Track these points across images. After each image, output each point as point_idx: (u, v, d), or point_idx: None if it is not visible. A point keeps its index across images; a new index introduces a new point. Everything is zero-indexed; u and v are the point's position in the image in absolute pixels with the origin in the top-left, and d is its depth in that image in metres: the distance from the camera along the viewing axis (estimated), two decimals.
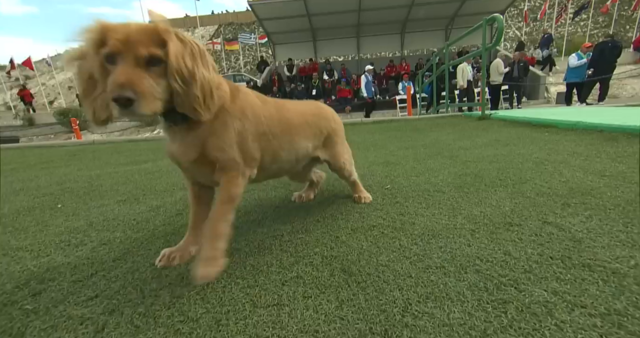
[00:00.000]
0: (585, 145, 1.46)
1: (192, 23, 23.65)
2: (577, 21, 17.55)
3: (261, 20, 10.73)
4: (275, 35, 11.86)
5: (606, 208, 0.74)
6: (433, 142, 1.97)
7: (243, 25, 21.87)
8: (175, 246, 0.65)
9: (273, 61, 12.81)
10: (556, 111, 2.69)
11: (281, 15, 10.45)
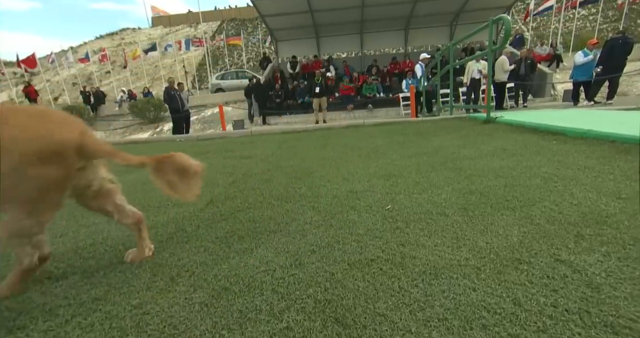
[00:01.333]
0: (596, 157, 1.39)
1: (195, 19, 23.56)
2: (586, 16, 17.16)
3: (264, 17, 10.60)
4: (278, 32, 11.73)
5: (625, 244, 0.69)
6: (437, 149, 1.91)
7: (246, 21, 21.73)
8: None
9: (275, 58, 12.70)
10: (564, 115, 2.60)
11: (284, 12, 10.31)
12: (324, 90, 8.94)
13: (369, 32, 12.02)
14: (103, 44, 25.21)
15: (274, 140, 2.87)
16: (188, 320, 0.55)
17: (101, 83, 21.69)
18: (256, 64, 20.56)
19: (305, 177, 1.51)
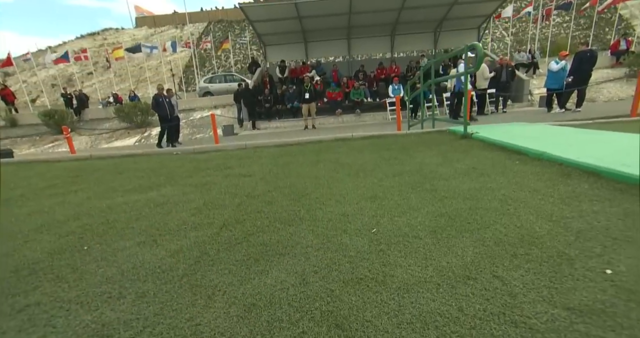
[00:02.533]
0: (545, 180, 1.68)
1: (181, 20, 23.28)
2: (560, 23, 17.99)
3: (252, 22, 10.73)
4: (266, 37, 11.88)
5: (542, 261, 0.95)
6: (418, 168, 2.17)
7: (233, 23, 21.65)
8: None
9: (264, 62, 12.82)
10: (531, 132, 2.92)
11: (272, 18, 10.48)
12: (313, 97, 9.15)
13: (356, 38, 12.32)
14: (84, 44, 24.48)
15: (269, 155, 3.07)
16: (230, 329, 0.77)
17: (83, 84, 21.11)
18: (244, 66, 20.54)
19: (302, 198, 1.73)
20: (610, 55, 11.38)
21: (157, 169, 2.81)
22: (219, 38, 21.25)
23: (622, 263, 0.90)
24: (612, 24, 15.87)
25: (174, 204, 1.78)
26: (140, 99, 13.80)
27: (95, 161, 3.58)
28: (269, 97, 10.42)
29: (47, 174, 2.91)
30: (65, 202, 1.98)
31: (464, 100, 3.15)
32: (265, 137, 7.93)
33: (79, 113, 13.85)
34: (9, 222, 1.68)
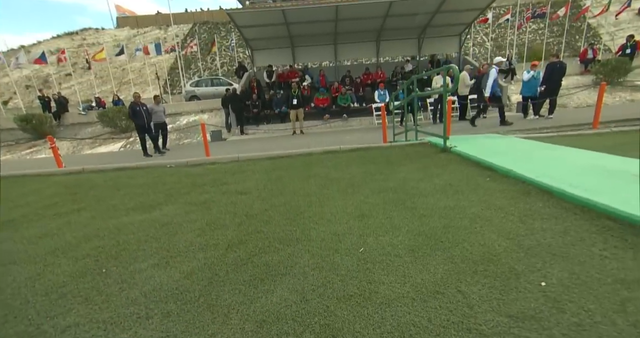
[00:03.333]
0: (509, 198, 1.93)
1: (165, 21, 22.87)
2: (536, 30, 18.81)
3: (239, 27, 10.80)
4: (254, 42, 11.95)
5: (496, 276, 1.18)
6: (401, 184, 2.40)
7: (219, 25, 21.49)
8: None
9: (251, 67, 12.87)
10: (502, 147, 3.21)
11: (259, 23, 10.58)
12: (301, 102, 9.32)
13: (342, 43, 12.56)
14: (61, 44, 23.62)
15: (262, 169, 3.24)
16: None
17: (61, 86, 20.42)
18: (230, 68, 20.44)
19: (297, 217, 1.92)
20: (579, 63, 12.09)
21: (154, 185, 2.93)
22: (205, 40, 21.05)
23: (555, 277, 1.14)
24: (581, 32, 16.81)
25: (178, 225, 1.93)
26: (124, 103, 13.55)
27: (89, 175, 3.64)
28: (257, 102, 10.52)
29: (44, 191, 2.97)
30: (71, 223, 2.09)
31: (444, 117, 3.41)
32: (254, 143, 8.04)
33: (58, 117, 13.42)
34: (22, 245, 1.79)
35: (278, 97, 10.36)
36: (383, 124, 5.56)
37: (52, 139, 5.96)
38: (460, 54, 12.97)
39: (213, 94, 13.28)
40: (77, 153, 11.10)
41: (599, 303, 0.99)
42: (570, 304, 1.00)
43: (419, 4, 10.34)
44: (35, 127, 12.38)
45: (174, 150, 8.73)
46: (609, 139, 3.50)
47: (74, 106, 15.04)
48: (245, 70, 12.79)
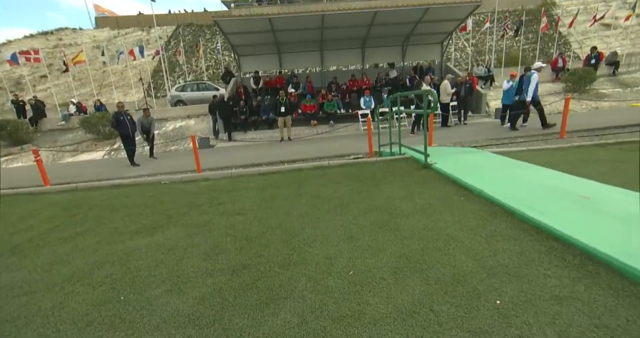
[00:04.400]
0: (479, 219, 2.21)
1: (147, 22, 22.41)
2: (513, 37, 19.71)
3: (226, 34, 10.87)
4: (240, 48, 12.03)
5: (462, 296, 1.43)
6: (385, 203, 2.65)
7: (204, 27, 21.29)
8: None
9: (238, 72, 12.93)
10: (478, 164, 3.52)
11: (246, 30, 10.69)
12: (288, 110, 9.51)
13: (328, 50, 12.82)
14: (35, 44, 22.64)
15: (255, 187, 3.43)
16: None
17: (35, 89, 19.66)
18: (216, 71, 20.32)
19: (292, 239, 2.13)
20: (551, 71, 12.84)
21: (152, 205, 3.06)
22: (189, 42, 20.81)
23: (507, 295, 1.40)
24: (554, 39, 17.76)
25: (183, 249, 2.10)
26: (107, 108, 13.24)
27: (84, 194, 3.70)
28: (244, 108, 10.62)
29: (42, 213, 3.04)
30: (79, 248, 2.22)
31: (425, 133, 3.69)
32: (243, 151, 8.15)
33: (35, 123, 12.92)
34: (37, 273, 1.91)
35: (266, 103, 10.50)
36: (369, 135, 5.83)
37: (37, 151, 5.90)
38: (442, 61, 13.48)
39: (199, 98, 13.24)
40: (58, 161, 10.80)
41: (537, 317, 1.26)
42: (516, 319, 1.26)
43: (403, 14, 10.74)
44: (10, 133, 11.96)
45: (161, 158, 8.73)
46: (570, 154, 3.88)
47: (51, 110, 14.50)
48: (232, 76, 12.83)
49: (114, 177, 6.06)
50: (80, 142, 12.51)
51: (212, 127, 10.98)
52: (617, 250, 1.54)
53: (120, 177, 6.09)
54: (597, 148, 4.08)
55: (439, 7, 10.17)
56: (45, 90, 19.43)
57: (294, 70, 13.09)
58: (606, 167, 3.22)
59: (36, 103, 13.08)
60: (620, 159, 3.46)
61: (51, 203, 3.39)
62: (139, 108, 14.06)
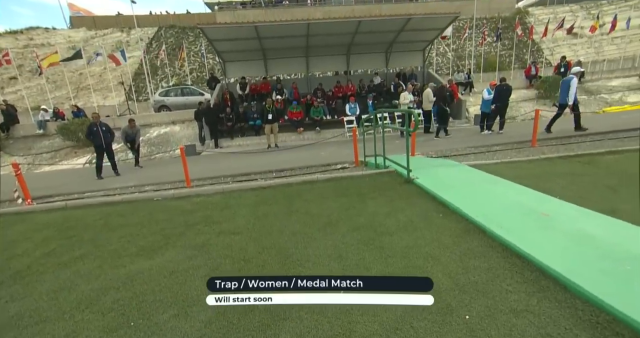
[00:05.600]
0: (455, 236, 2.47)
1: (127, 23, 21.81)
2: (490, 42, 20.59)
3: (211, 41, 10.86)
4: (226, 54, 12.03)
5: (437, 312, 1.66)
6: (370, 220, 2.87)
7: (187, 29, 20.96)
8: None
9: (224, 78, 12.90)
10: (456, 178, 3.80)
11: (232, 37, 10.73)
12: (275, 117, 9.63)
13: (314, 56, 13.00)
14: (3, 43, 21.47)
15: (248, 204, 3.58)
16: None
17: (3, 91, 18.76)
18: (200, 75, 20.09)
19: (286, 260, 2.31)
20: (525, 78, 13.58)
21: (148, 225, 3.15)
22: (172, 45, 20.44)
23: (475, 310, 1.65)
24: (528, 46, 18.72)
25: (185, 272, 2.24)
26: (86, 114, 12.83)
27: (75, 212, 3.72)
28: (230, 115, 10.65)
29: (34, 236, 3.07)
30: (81, 273, 2.31)
31: (407, 151, 3.95)
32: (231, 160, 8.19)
33: (6, 129, 12.31)
34: (44, 301, 2.00)
35: (253, 110, 10.58)
36: (354, 145, 6.06)
37: (17, 166, 5.75)
38: (424, 68, 13.96)
39: (184, 103, 13.12)
40: (34, 170, 10.40)
41: (497, 330, 1.51)
42: (481, 332, 1.50)
43: (386, 23, 11.10)
44: None
45: (147, 166, 8.65)
46: (538, 167, 4.25)
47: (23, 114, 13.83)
48: (217, 82, 12.79)
49: (99, 189, 6.01)
50: (58, 149, 12.08)
51: (198, 133, 10.95)
52: (563, 266, 1.82)
53: (106, 188, 6.05)
54: (561, 161, 4.48)
55: (420, 17, 10.57)
56: (15, 93, 18.53)
57: (279, 77, 13.21)
58: (566, 180, 3.59)
59: (7, 108, 12.47)
60: (578, 172, 3.84)
61: (42, 224, 3.41)
62: (120, 113, 13.78)
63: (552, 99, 12.47)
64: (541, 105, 12.41)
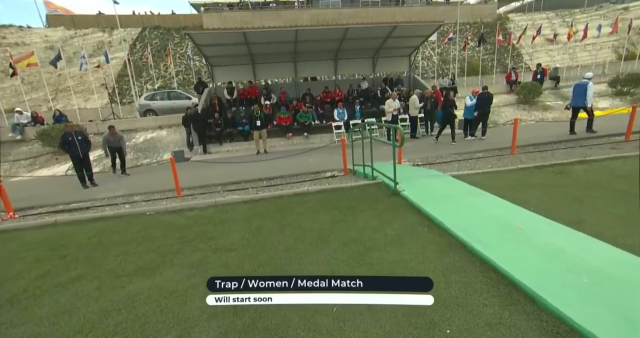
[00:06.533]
0: (438, 251, 2.66)
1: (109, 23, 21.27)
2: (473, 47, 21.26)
3: (199, 46, 10.81)
4: (214, 59, 11.98)
5: (422, 328, 1.83)
6: (360, 235, 3.03)
7: (172, 31, 20.63)
8: None
9: (212, 83, 12.83)
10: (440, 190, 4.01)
11: (219, 43, 10.72)
12: (264, 123, 9.69)
13: (302, 61, 13.11)
14: None
15: (241, 218, 3.68)
16: None
17: None
18: (186, 77, 19.82)
19: None
20: (506, 84, 14.14)
21: (143, 242, 3.20)
22: (157, 46, 20.07)
23: (455, 324, 1.83)
24: (508, 51, 19.45)
25: (184, 291, 2.33)
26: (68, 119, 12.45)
27: (66, 229, 3.71)
28: (219, 120, 10.63)
29: (26, 256, 3.06)
30: (79, 296, 2.36)
31: (394, 164, 4.14)
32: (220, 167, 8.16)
33: None
34: (45, 327, 2.05)
35: (241, 115, 10.59)
36: (343, 154, 6.22)
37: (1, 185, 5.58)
38: (410, 72, 14.29)
39: (170, 108, 12.98)
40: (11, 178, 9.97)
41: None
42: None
43: (372, 30, 11.34)
44: None
45: (134, 174, 8.54)
46: (515, 177, 4.52)
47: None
48: (205, 86, 12.71)
49: (85, 199, 5.93)
50: (37, 155, 11.67)
51: (185, 138, 10.87)
52: (532, 280, 2.03)
53: (93, 198, 5.98)
54: (536, 170, 4.78)
55: (405, 25, 10.86)
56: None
57: (267, 81, 13.25)
58: (540, 191, 3.86)
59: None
60: (550, 183, 4.13)
61: (32, 242, 3.40)
62: (104, 118, 13.48)
63: (531, 104, 13.07)
64: (521, 110, 12.99)
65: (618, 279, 2.00)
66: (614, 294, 1.86)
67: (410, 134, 10.37)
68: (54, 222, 3.93)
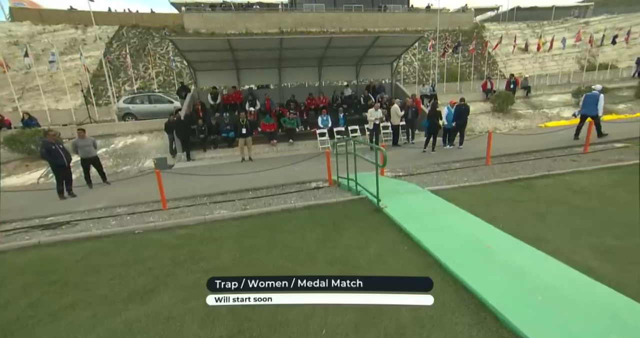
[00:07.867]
0: (418, 270, 2.90)
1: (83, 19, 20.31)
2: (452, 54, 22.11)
3: (182, 52, 10.68)
4: (197, 64, 11.86)
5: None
6: (345, 254, 3.24)
7: (151, 30, 20.07)
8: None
9: (195, 88, 12.67)
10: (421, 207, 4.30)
11: (203, 49, 10.64)
12: (249, 131, 9.75)
13: (286, 67, 13.21)
14: None
15: (232, 236, 3.79)
16: None
17: None
18: (167, 78, 19.39)
19: None
20: (482, 92, 14.88)
21: (134, 264, 3.26)
22: (135, 46, 19.48)
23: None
24: (485, 58, 20.39)
25: (181, 317, 2.45)
26: (39, 122, 11.90)
27: (51, 251, 3.67)
28: (203, 127, 10.56)
29: (12, 282, 3.02)
30: (75, 325, 2.41)
31: (377, 183, 4.38)
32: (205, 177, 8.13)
33: None
34: None
35: (225, 122, 10.57)
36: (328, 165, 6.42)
37: None
38: (392, 80, 14.71)
39: (151, 112, 12.71)
40: None
41: None
42: None
43: (356, 40, 11.64)
44: None
45: (115, 183, 8.34)
46: (487, 193, 4.88)
47: None
48: (187, 91, 12.54)
49: (63, 212, 5.78)
50: (5, 162, 11.07)
51: (168, 145, 10.71)
52: (497, 299, 2.31)
53: (72, 211, 5.85)
54: (506, 184, 5.19)
55: (388, 36, 11.21)
56: None
57: (251, 87, 13.25)
58: (508, 207, 4.23)
59: None
60: (517, 198, 4.53)
61: (17, 267, 3.35)
62: (80, 122, 12.99)
63: (504, 112, 13.84)
64: (496, 117, 13.71)
65: (567, 297, 2.31)
66: (562, 312, 2.17)
67: (392, 141, 10.74)
68: (37, 243, 3.87)
